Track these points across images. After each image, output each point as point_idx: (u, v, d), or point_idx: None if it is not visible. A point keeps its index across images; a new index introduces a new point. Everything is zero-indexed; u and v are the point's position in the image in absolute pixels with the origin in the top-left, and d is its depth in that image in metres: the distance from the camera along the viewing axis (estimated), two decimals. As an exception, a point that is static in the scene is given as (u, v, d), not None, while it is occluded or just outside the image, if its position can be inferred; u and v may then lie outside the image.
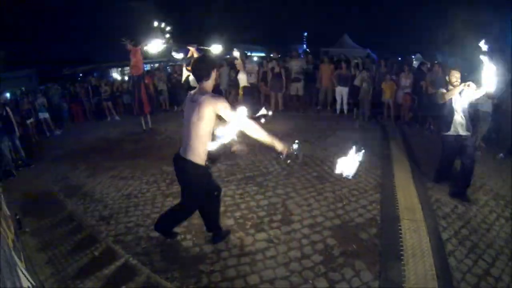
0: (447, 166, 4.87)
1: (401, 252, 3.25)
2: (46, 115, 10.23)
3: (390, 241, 3.46)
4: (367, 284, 2.89)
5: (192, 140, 2.83)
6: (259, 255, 3.29)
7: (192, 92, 3.03)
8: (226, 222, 3.86)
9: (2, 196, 3.81)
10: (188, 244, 3.50)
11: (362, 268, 3.07)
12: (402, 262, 3.11)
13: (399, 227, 3.68)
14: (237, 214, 4.02)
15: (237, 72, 8.55)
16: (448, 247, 3.41)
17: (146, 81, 10.96)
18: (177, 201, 4.38)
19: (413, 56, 15.39)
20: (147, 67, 23.58)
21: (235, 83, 9.11)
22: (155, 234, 3.64)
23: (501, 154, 6.15)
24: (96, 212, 4.39)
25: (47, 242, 3.80)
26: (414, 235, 3.53)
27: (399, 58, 13.01)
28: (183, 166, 2.94)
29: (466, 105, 4.45)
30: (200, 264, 3.18)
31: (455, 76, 4.46)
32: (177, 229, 3.63)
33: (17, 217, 4.02)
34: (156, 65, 20.19)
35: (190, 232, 3.71)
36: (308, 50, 18.73)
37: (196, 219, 3.95)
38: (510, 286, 2.95)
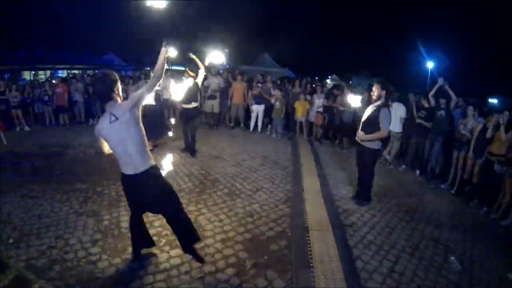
0: None
1: (310, 260, 3.47)
2: None
3: (299, 251, 3.66)
4: (280, 291, 3.04)
5: None
6: (174, 271, 3.26)
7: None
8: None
9: None
10: (104, 264, 3.32)
11: (274, 277, 3.21)
12: (311, 269, 3.32)
13: (308, 238, 3.92)
14: (151, 231, 3.84)
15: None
16: (355, 252, 3.78)
17: (61, 89, 10.30)
18: (91, 219, 4.24)
19: (329, 76, 16.74)
20: (64, 73, 21.02)
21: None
22: (69, 256, 3.43)
23: (403, 166, 7.45)
24: (4, 235, 3.88)
25: None
26: (322, 244, 3.80)
27: (316, 78, 14.04)
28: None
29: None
30: (116, 284, 3.06)
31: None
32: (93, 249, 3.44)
33: None
34: (76, 72, 18.39)
35: (106, 252, 3.52)
36: (228, 67, 18.94)
37: (111, 238, 3.80)
38: (413, 279, 3.41)
